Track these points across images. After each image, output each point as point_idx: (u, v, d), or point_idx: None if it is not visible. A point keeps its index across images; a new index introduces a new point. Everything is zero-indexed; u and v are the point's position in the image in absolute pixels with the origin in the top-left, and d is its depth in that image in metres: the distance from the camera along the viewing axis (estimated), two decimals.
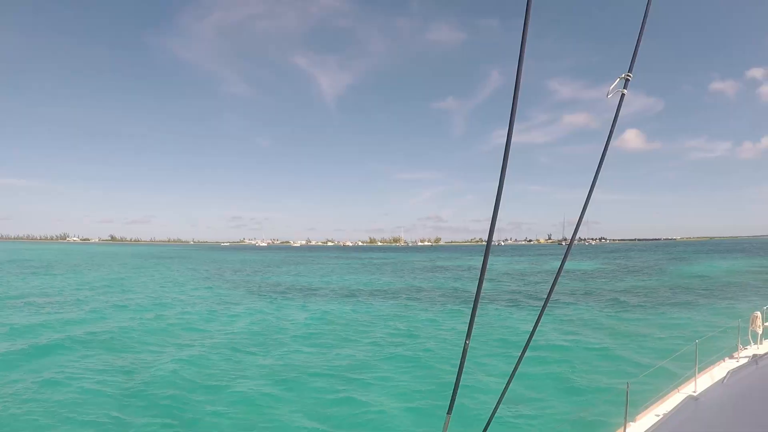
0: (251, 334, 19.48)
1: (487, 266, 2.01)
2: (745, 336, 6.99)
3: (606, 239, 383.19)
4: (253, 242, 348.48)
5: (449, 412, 2.23)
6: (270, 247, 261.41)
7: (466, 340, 2.14)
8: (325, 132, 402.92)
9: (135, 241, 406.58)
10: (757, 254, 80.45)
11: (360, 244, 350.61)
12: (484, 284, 2.10)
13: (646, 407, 4.48)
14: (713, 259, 70.37)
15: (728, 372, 4.32)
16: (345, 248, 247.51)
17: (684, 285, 36.21)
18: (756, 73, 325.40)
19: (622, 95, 2.32)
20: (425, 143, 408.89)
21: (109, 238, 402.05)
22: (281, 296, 31.94)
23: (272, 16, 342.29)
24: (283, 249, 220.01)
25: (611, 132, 2.26)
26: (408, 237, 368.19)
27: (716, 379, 4.54)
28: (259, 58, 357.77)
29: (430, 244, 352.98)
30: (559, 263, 2.29)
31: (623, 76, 2.34)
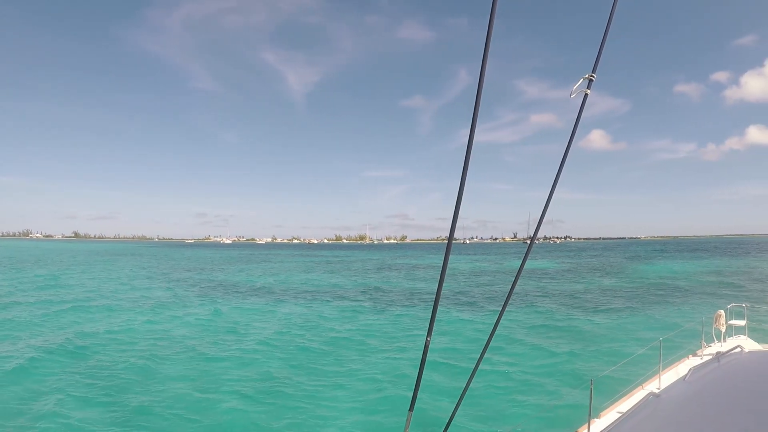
0: (180, 335, 18.88)
1: (448, 264, 2.02)
2: (709, 334, 7.17)
3: (571, 238, 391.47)
4: (218, 239, 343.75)
5: (411, 408, 2.24)
6: (234, 245, 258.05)
7: (427, 337, 2.15)
8: (292, 129, 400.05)
9: (99, 237, 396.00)
10: (719, 254, 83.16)
11: (326, 241, 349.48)
12: (444, 283, 2.11)
13: (610, 404, 4.57)
14: (674, 258, 72.61)
15: (690, 369, 4.44)
16: (310, 246, 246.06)
17: (646, 284, 37.13)
18: (720, 76, 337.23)
19: (586, 95, 2.36)
20: (393, 141, 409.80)
21: (73, 234, 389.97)
22: (222, 296, 31.12)
23: (242, 10, 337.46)
24: (247, 246, 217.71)
25: (574, 131, 2.30)
26: (375, 235, 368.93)
27: (679, 377, 4.66)
28: (227, 53, 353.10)
29: (395, 241, 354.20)
30: (520, 262, 2.32)
31: (587, 76, 2.37)
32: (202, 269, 57.28)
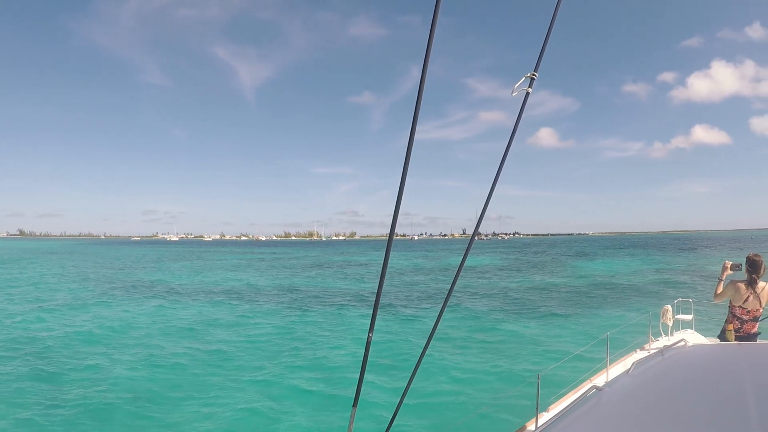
0: (90, 336, 17.97)
1: (389, 261, 2.03)
2: (657, 329, 7.40)
3: (520, 234, 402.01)
4: (165, 237, 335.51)
5: (355, 404, 2.24)
6: (181, 242, 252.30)
7: (369, 333, 2.16)
8: (243, 125, 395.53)
9: (45, 235, 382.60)
10: (664, 251, 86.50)
11: (274, 238, 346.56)
12: (385, 280, 2.11)
13: (557, 398, 4.66)
14: (618, 255, 75.02)
15: (633, 363, 4.57)
16: (257, 243, 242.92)
17: (590, 281, 38.14)
18: (667, 77, 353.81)
19: (527, 93, 2.40)
20: (344, 138, 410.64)
21: (18, 232, 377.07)
22: (122, 296, 29.58)
23: (194, 3, 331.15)
24: (193, 243, 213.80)
25: (515, 129, 2.35)
26: (324, 231, 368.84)
27: (624, 370, 4.80)
28: (178, 47, 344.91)
29: (344, 238, 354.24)
30: (464, 258, 2.34)
31: (529, 75, 2.42)
32: (123, 268, 55.07)
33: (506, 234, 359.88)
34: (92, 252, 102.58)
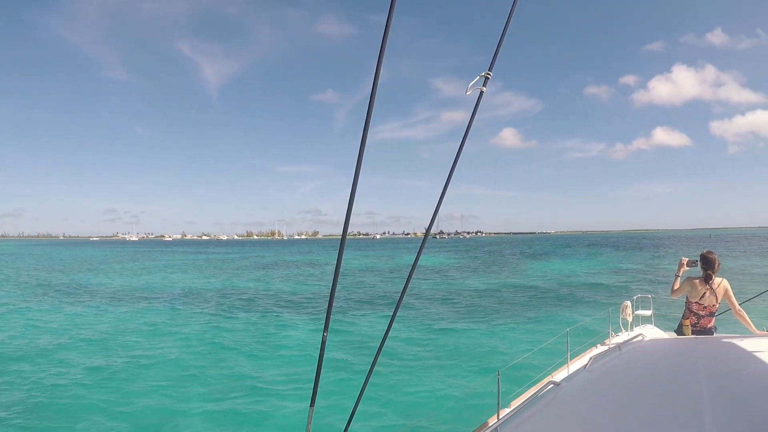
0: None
1: (342, 261, 2.02)
2: (616, 324, 7.52)
3: (482, 233, 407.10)
4: (125, 237, 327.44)
5: (312, 404, 2.23)
6: (141, 242, 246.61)
7: (324, 332, 2.15)
8: (207, 122, 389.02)
9: (2, 236, 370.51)
10: (624, 249, 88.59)
11: (236, 237, 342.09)
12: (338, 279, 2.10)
13: (518, 394, 4.71)
14: (577, 254, 76.51)
15: (590, 358, 4.65)
16: (217, 243, 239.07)
17: (546, 280, 38.79)
18: (629, 80, 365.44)
19: (481, 92, 2.42)
20: (308, 137, 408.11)
21: None
22: (61, 299, 28.31)
23: None
24: (153, 244, 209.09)
25: (468, 128, 2.37)
26: (287, 230, 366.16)
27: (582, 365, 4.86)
28: (142, 42, 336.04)
29: (306, 237, 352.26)
30: (425, 256, 2.34)
31: (483, 74, 2.44)
32: (63, 270, 52.87)
33: (468, 233, 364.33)
34: (42, 254, 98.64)
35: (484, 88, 2.43)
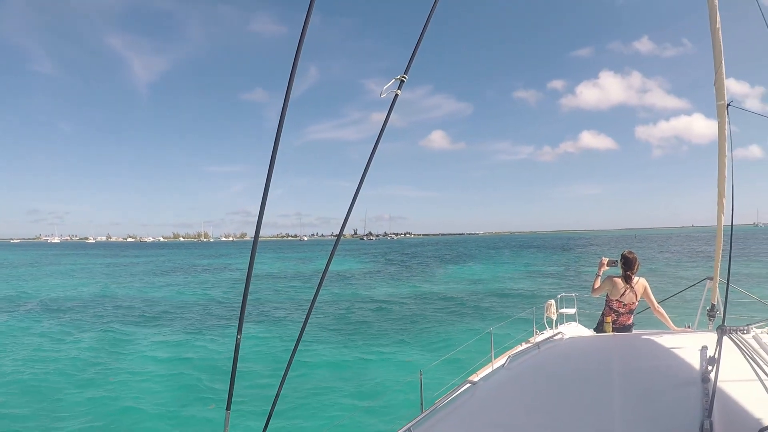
0: None
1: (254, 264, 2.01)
2: (541, 323, 7.70)
3: (411, 234, 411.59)
4: (47, 239, 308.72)
5: (228, 408, 2.18)
6: (63, 244, 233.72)
7: (237, 335, 2.12)
8: (134, 120, 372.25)
9: None
10: (550, 249, 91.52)
11: (162, 239, 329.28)
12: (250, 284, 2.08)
13: (441, 394, 4.78)
14: (501, 255, 78.50)
15: (508, 357, 4.74)
16: (141, 245, 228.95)
17: (470, 282, 39.54)
18: (557, 85, 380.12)
19: (396, 95, 2.45)
20: (236, 136, 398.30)
21: None
22: None
23: None
24: (74, 246, 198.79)
25: (382, 130, 2.41)
26: (216, 232, 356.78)
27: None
28: (70, 34, 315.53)
29: (233, 239, 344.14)
30: (329, 262, 2.31)
31: (399, 77, 2.46)
32: None
33: (396, 234, 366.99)
34: None
35: (399, 91, 2.45)
